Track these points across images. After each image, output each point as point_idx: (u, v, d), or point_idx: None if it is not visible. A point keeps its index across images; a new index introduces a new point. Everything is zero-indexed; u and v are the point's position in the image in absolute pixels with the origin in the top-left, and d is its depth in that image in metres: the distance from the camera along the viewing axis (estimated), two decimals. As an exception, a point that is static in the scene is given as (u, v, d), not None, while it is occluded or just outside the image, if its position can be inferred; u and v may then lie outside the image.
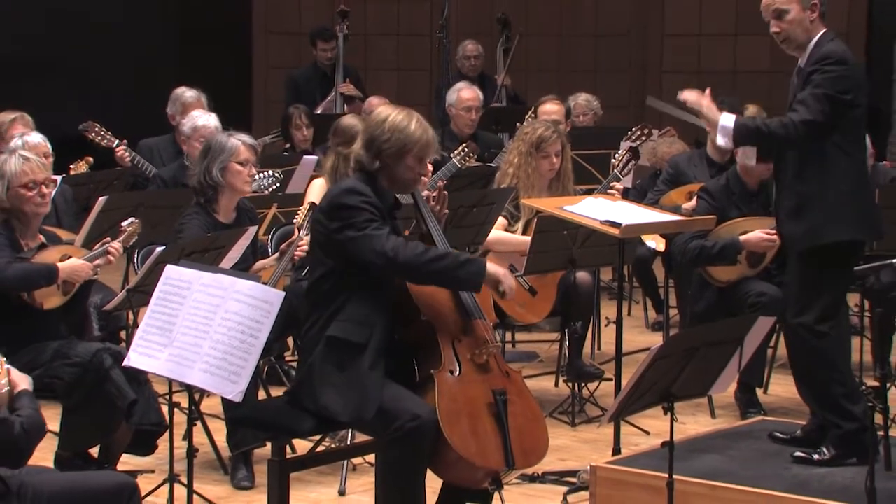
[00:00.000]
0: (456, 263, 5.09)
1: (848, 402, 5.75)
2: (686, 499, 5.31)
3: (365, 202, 5.11)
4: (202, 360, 4.71)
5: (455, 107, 9.90)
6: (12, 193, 5.96)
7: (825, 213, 5.69)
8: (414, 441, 4.98)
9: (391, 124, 5.22)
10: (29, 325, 5.91)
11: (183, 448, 5.21)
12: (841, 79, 5.63)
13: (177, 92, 9.23)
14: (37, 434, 4.05)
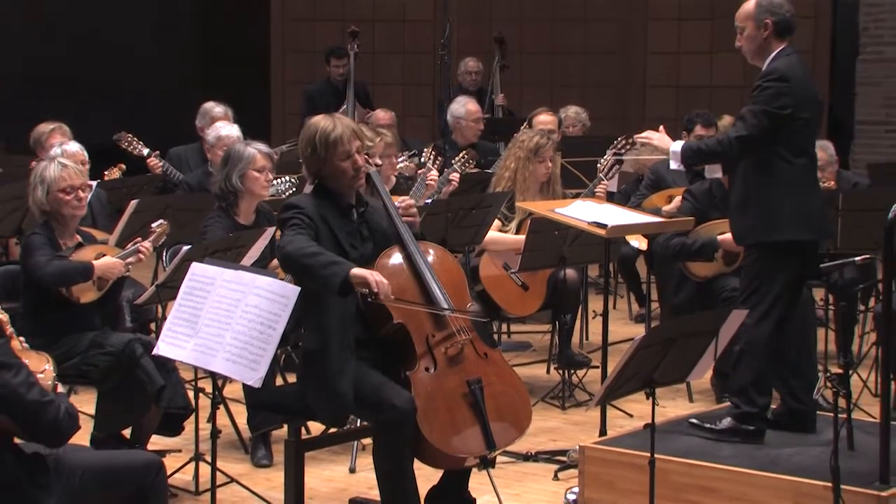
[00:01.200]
0: (323, 263, 4.90)
1: (754, 391, 5.78)
2: (666, 476, 5.30)
3: (296, 213, 5.08)
4: (225, 350, 4.70)
5: (465, 119, 9.90)
6: (52, 197, 5.96)
7: (764, 213, 5.71)
8: (395, 428, 4.96)
9: (306, 136, 5.20)
10: (67, 318, 5.91)
11: (207, 429, 5.21)
12: (779, 95, 5.62)
13: (206, 106, 9.23)
14: (76, 422, 4.05)
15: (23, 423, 3.96)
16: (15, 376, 3.88)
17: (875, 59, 13.48)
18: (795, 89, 5.66)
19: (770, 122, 5.63)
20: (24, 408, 3.90)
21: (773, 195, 5.69)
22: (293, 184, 7.99)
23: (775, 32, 5.75)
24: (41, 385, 3.99)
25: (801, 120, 5.68)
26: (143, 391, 5.75)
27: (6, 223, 7.42)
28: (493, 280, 7.43)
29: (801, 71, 5.76)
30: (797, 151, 5.70)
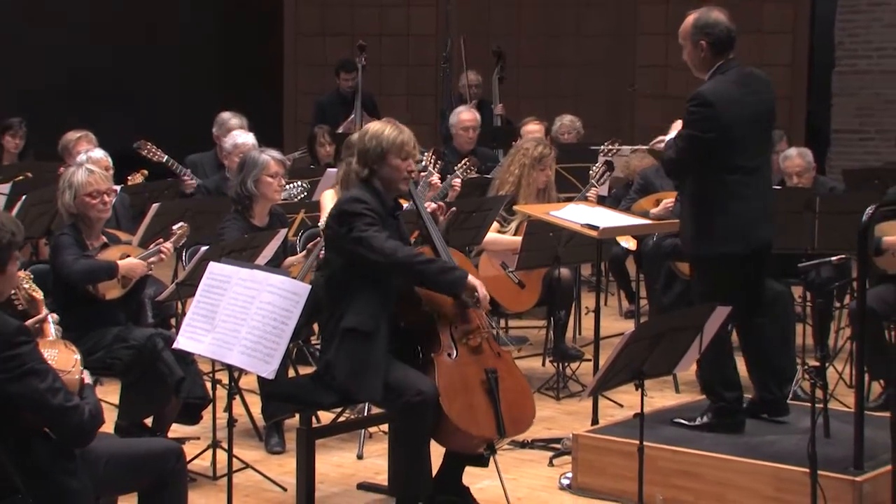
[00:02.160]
0: (442, 269, 5.10)
1: (722, 388, 5.79)
2: (654, 462, 5.31)
3: (366, 209, 5.10)
4: (240, 344, 4.70)
5: (455, 126, 9.91)
6: (79, 201, 5.96)
7: (697, 228, 5.71)
8: (418, 413, 4.98)
9: (371, 134, 5.25)
10: (93, 313, 5.91)
11: (224, 418, 5.21)
12: (703, 119, 5.56)
13: (223, 116, 9.23)
14: (100, 420, 4.03)
15: (48, 425, 3.94)
16: (41, 382, 3.85)
17: (850, 72, 13.49)
18: (720, 112, 5.55)
19: (697, 145, 5.57)
20: (49, 412, 3.88)
21: (703, 211, 5.67)
22: (304, 188, 8.00)
23: (712, 50, 5.69)
24: (67, 389, 3.96)
25: (729, 139, 5.56)
26: (164, 382, 5.75)
27: (36, 225, 7.42)
28: (492, 278, 7.41)
29: (733, 91, 5.63)
30: (729, 168, 5.60)
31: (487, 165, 9.61)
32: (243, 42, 16.05)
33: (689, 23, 5.70)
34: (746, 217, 5.67)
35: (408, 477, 5.11)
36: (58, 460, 3.97)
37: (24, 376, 3.82)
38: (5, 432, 3.86)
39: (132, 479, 4.25)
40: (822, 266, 5.70)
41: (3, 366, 3.81)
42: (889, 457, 4.97)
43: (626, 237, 8.02)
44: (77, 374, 4.18)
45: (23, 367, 3.82)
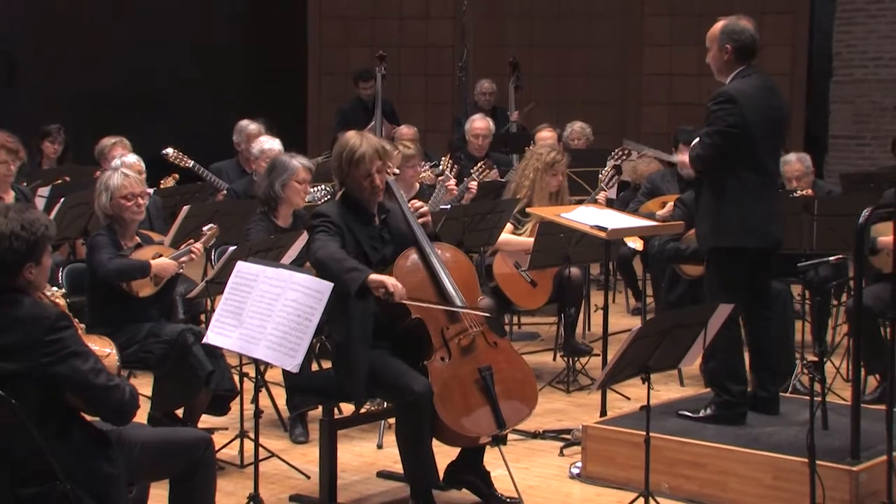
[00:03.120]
0: (346, 268, 4.94)
1: (729, 382, 5.77)
2: (660, 452, 5.30)
3: (322, 221, 5.12)
4: (266, 339, 4.70)
5: (468, 133, 9.93)
6: (114, 203, 5.97)
7: (715, 223, 5.69)
8: (414, 411, 4.97)
9: (337, 151, 5.24)
10: (127, 310, 5.92)
11: (251, 410, 5.20)
12: (728, 115, 5.57)
13: (241, 124, 9.25)
14: (137, 402, 4.05)
15: (92, 404, 3.96)
16: (84, 363, 3.89)
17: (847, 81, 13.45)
18: (743, 110, 5.58)
19: (724, 140, 5.58)
20: (93, 391, 3.91)
21: (722, 207, 5.66)
22: (328, 191, 7.98)
23: (735, 55, 5.70)
24: (108, 370, 3.99)
25: (750, 137, 5.60)
26: (195, 375, 5.76)
27: (74, 225, 7.44)
28: (506, 277, 7.43)
29: (754, 91, 5.66)
30: (747, 167, 5.63)
31: (501, 170, 9.61)
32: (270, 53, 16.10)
33: (718, 28, 5.73)
34: (763, 214, 5.70)
35: (413, 471, 5.10)
36: (94, 446, 3.99)
37: (68, 358, 3.85)
38: (48, 418, 3.88)
39: (164, 466, 4.26)
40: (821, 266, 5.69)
41: (47, 349, 3.83)
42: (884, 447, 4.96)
43: (634, 238, 8.00)
44: (114, 361, 4.20)
45: (66, 350, 3.85)
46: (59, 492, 3.91)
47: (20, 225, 3.88)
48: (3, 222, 3.87)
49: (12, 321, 3.85)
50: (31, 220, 3.91)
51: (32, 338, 3.83)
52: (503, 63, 12.62)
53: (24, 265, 3.90)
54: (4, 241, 3.86)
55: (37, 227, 3.92)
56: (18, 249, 3.87)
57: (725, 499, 5.34)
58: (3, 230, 3.86)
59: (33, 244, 3.90)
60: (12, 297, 3.89)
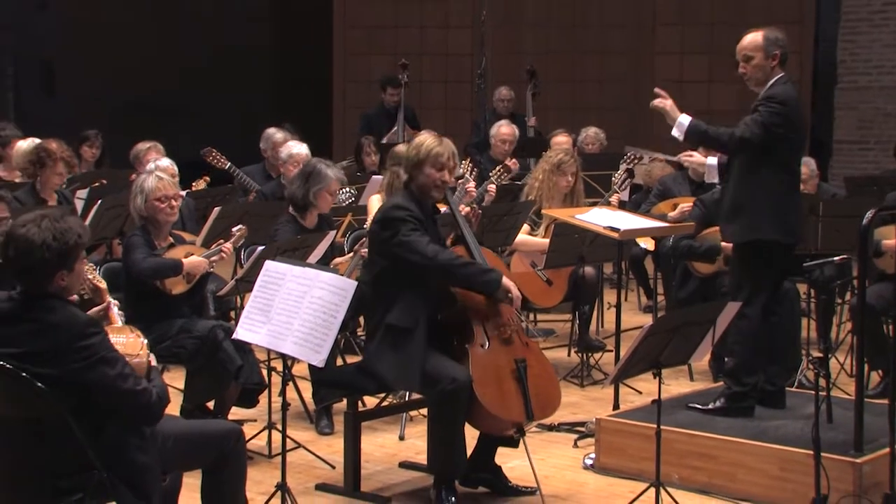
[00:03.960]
0: (480, 271, 5.11)
1: (742, 373, 5.75)
2: (670, 444, 5.28)
3: (409, 215, 5.12)
4: (293, 335, 4.71)
5: (495, 138, 9.93)
6: (149, 205, 5.99)
7: (749, 217, 5.67)
8: (453, 399, 4.98)
9: (414, 144, 5.31)
10: (161, 307, 5.93)
11: (278, 402, 5.22)
12: (776, 115, 5.59)
13: (268, 132, 9.27)
14: (166, 401, 4.05)
15: (120, 408, 3.96)
16: (112, 369, 3.87)
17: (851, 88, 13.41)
18: (790, 114, 5.62)
19: (766, 133, 5.58)
20: (120, 396, 3.90)
21: (757, 203, 5.65)
22: (352, 194, 8.00)
23: (780, 61, 5.72)
24: (136, 373, 3.98)
25: (789, 140, 5.65)
26: (225, 370, 5.76)
27: (111, 226, 7.46)
28: (522, 276, 7.41)
29: (794, 97, 5.73)
30: (782, 167, 5.67)
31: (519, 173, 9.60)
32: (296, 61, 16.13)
33: (761, 38, 5.71)
34: (794, 212, 5.72)
35: (444, 457, 5.11)
36: (129, 439, 3.99)
37: (97, 364, 3.85)
38: (82, 414, 3.89)
39: (196, 456, 4.27)
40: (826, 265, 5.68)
41: (77, 355, 3.83)
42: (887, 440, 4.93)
43: (645, 239, 7.99)
44: (145, 358, 4.20)
45: (95, 356, 3.85)
46: (96, 481, 3.92)
47: (52, 235, 3.86)
48: (37, 232, 3.87)
49: (46, 327, 3.86)
50: (63, 229, 3.90)
51: (64, 344, 3.83)
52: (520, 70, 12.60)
53: (56, 273, 3.89)
54: (37, 250, 3.85)
55: (69, 236, 3.90)
56: (50, 259, 3.86)
57: (734, 489, 5.33)
58: (35, 239, 3.85)
59: (65, 253, 3.89)
60: (46, 303, 3.89)
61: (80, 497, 3.96)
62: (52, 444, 3.88)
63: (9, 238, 3.91)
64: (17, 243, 3.88)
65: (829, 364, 5.17)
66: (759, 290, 5.67)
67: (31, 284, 3.92)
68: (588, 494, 5.45)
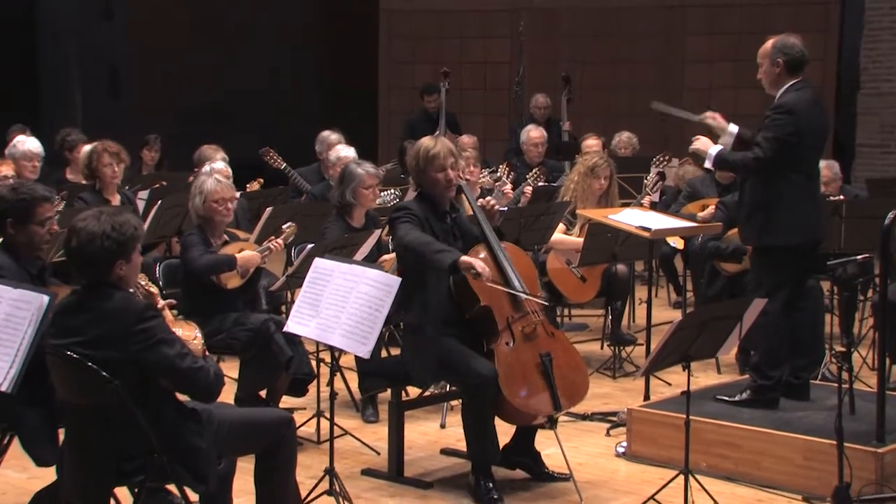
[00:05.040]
0: (437, 249, 4.97)
1: (766, 367, 5.71)
2: (699, 434, 5.25)
3: (405, 214, 5.12)
4: (341, 328, 4.71)
5: (526, 143, 9.90)
6: (206, 206, 6.03)
7: (763, 222, 5.63)
8: (480, 393, 4.98)
9: (412, 153, 5.28)
10: (216, 301, 5.96)
11: (327, 392, 5.23)
12: (786, 125, 5.52)
13: (323, 134, 9.29)
14: (222, 381, 4.08)
15: (180, 386, 4.00)
16: (171, 349, 3.91)
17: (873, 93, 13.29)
18: (800, 120, 5.54)
19: (781, 147, 5.52)
20: (180, 374, 3.94)
21: (772, 207, 5.60)
22: (396, 195, 8.00)
23: (786, 69, 5.65)
24: (193, 353, 4.02)
25: (803, 145, 5.57)
26: (276, 360, 5.78)
27: (170, 225, 7.51)
28: (558, 273, 7.40)
29: (807, 104, 5.62)
30: (796, 171, 5.59)
31: (554, 175, 9.58)
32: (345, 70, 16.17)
33: (770, 45, 5.68)
34: (809, 215, 5.66)
35: (477, 447, 5.10)
36: (186, 423, 4.02)
37: (156, 345, 3.88)
38: (144, 399, 3.91)
39: (249, 443, 4.29)
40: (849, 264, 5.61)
41: (137, 338, 3.87)
42: (908, 431, 4.88)
43: (675, 238, 7.94)
44: (199, 345, 4.23)
45: (154, 338, 3.88)
46: (156, 464, 3.95)
47: (111, 226, 3.92)
48: (96, 224, 3.93)
49: (105, 313, 3.90)
50: (121, 221, 3.96)
51: (123, 328, 3.87)
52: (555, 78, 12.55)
53: (114, 262, 3.94)
54: (97, 239, 3.91)
55: (126, 228, 3.96)
56: (109, 248, 3.91)
57: (759, 477, 5.29)
58: (95, 230, 3.92)
59: (123, 243, 3.94)
60: (105, 291, 3.94)
61: (142, 479, 3.99)
62: (117, 430, 3.91)
63: (71, 231, 3.98)
64: (79, 236, 3.94)
65: (852, 358, 5.12)
66: (778, 287, 5.61)
67: (92, 275, 3.97)
68: (620, 481, 5.42)
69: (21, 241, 4.64)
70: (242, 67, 15.39)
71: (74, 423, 4.06)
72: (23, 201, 4.64)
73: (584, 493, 5.15)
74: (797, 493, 5.14)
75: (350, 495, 4.92)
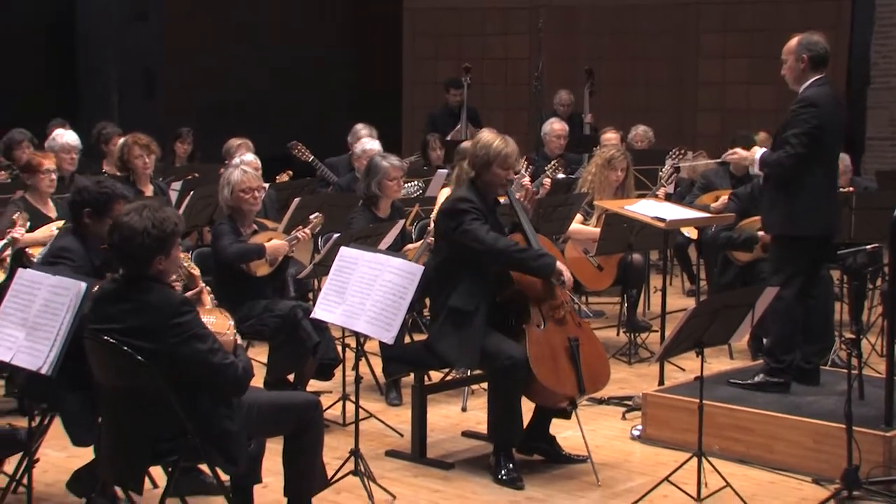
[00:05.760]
0: (535, 256, 5.06)
1: (779, 351, 5.68)
2: (712, 418, 5.23)
3: (472, 207, 5.10)
4: (365, 314, 4.72)
5: (549, 135, 9.87)
6: (235, 196, 6.03)
7: (786, 212, 5.60)
8: (510, 375, 4.98)
9: (482, 143, 5.25)
10: (246, 288, 5.97)
11: (352, 376, 5.24)
12: (812, 118, 5.50)
13: (356, 126, 9.31)
14: (251, 374, 4.08)
15: (210, 380, 3.99)
16: (203, 344, 3.91)
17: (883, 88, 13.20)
18: (823, 114, 5.52)
19: (811, 140, 5.50)
20: (210, 369, 3.94)
21: (795, 198, 5.57)
22: (420, 187, 8.00)
23: (811, 65, 5.62)
24: (224, 349, 4.02)
25: (824, 140, 5.54)
26: (304, 346, 5.80)
27: (201, 215, 7.53)
28: (575, 262, 7.38)
29: (829, 99, 5.60)
30: (818, 164, 5.57)
31: (572, 167, 9.55)
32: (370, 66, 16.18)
33: (795, 42, 5.67)
34: (829, 208, 5.64)
35: (503, 427, 5.11)
36: (218, 407, 4.03)
37: (189, 340, 3.89)
38: (178, 385, 3.93)
39: (278, 424, 4.30)
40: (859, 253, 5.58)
41: (171, 332, 3.87)
42: (915, 416, 4.85)
43: (689, 228, 7.91)
44: (231, 336, 4.24)
45: (188, 332, 3.89)
46: (189, 445, 3.97)
47: (152, 223, 3.93)
48: (138, 220, 3.93)
49: (144, 306, 3.91)
50: (162, 218, 3.96)
51: (160, 321, 3.88)
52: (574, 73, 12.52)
53: (154, 257, 3.95)
54: (137, 236, 3.91)
55: (167, 224, 3.96)
56: (150, 244, 3.92)
57: (770, 459, 5.27)
58: (136, 226, 3.92)
59: (163, 239, 3.95)
60: (145, 284, 3.95)
61: (175, 459, 4.01)
62: (152, 412, 3.93)
63: (114, 226, 3.99)
64: (122, 230, 3.94)
65: (861, 344, 5.09)
66: (795, 275, 5.60)
67: (133, 268, 3.97)
68: (635, 462, 5.41)
69: (93, 231, 4.75)
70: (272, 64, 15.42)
71: (111, 405, 4.08)
72: (104, 195, 4.75)
73: (600, 475, 5.14)
74: (807, 475, 5.11)
75: (374, 475, 4.93)
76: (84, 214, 4.77)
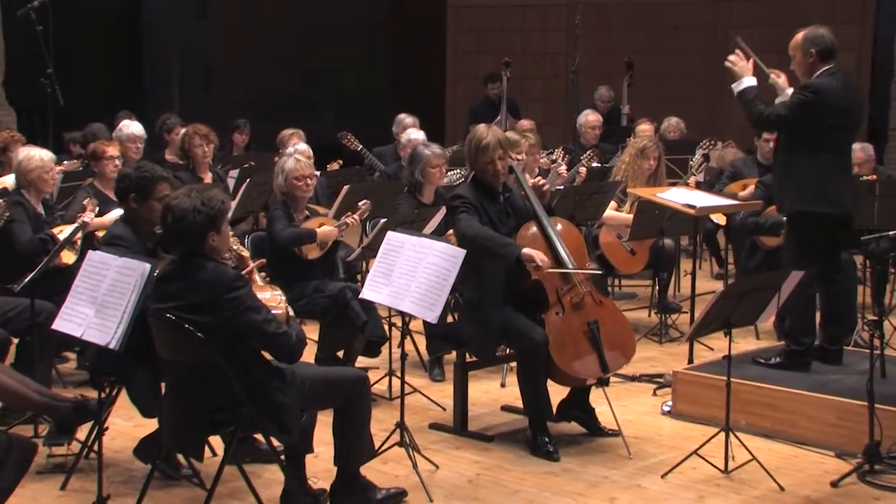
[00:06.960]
0: (501, 245, 4.99)
1: (798, 333, 5.63)
2: (739, 395, 5.21)
3: (461, 202, 5.12)
4: (411, 295, 4.73)
5: (584, 126, 9.83)
6: (288, 183, 6.07)
7: (792, 191, 5.53)
8: (532, 357, 4.98)
9: (467, 140, 5.26)
10: (298, 270, 6.02)
11: (398, 353, 5.25)
12: (803, 101, 5.42)
13: (400, 117, 9.31)
14: (303, 344, 4.12)
15: (266, 348, 4.05)
16: (258, 315, 3.96)
17: (906, 81, 13.01)
18: (825, 101, 5.41)
19: (790, 116, 5.43)
20: (266, 338, 3.99)
21: (801, 178, 5.50)
22: (462, 175, 7.99)
23: (819, 57, 5.55)
24: (277, 319, 4.07)
25: (827, 125, 5.43)
26: (352, 324, 5.83)
27: (257, 201, 7.58)
28: (609, 246, 7.36)
29: (837, 87, 5.47)
30: (822, 148, 5.46)
31: (607, 157, 9.50)
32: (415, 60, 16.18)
33: (800, 37, 5.60)
34: (837, 187, 5.54)
35: (531, 406, 5.12)
36: (272, 380, 4.07)
37: (245, 312, 3.93)
38: (234, 358, 3.97)
39: (328, 398, 4.33)
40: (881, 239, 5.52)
41: (227, 305, 3.92)
42: (935, 395, 4.79)
43: (718, 214, 7.85)
44: (283, 309, 4.28)
45: (243, 306, 3.93)
46: (246, 416, 4.01)
47: (200, 201, 3.98)
48: (187, 201, 3.98)
49: (199, 283, 3.95)
50: (209, 196, 4.01)
51: (215, 296, 3.92)
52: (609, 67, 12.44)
53: (207, 234, 4.00)
54: (189, 214, 3.96)
55: (214, 202, 4.01)
56: (202, 221, 3.97)
57: (795, 434, 5.24)
58: (187, 206, 3.97)
59: (213, 216, 3.99)
60: (199, 262, 3.99)
61: (233, 429, 4.05)
62: (210, 384, 3.98)
63: (165, 209, 4.03)
64: (173, 212, 3.99)
65: (883, 326, 5.04)
66: (808, 257, 5.51)
67: (187, 246, 4.02)
68: (665, 437, 5.40)
69: (141, 214, 4.77)
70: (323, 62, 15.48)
71: (173, 378, 4.14)
72: (144, 178, 4.77)
73: (631, 448, 5.13)
74: (830, 450, 5.08)
75: (419, 446, 4.95)
76: (130, 199, 4.79)
